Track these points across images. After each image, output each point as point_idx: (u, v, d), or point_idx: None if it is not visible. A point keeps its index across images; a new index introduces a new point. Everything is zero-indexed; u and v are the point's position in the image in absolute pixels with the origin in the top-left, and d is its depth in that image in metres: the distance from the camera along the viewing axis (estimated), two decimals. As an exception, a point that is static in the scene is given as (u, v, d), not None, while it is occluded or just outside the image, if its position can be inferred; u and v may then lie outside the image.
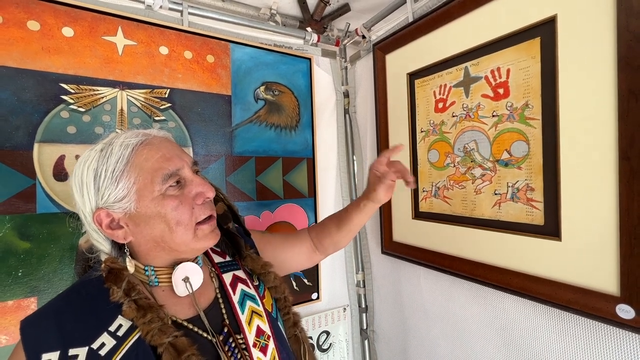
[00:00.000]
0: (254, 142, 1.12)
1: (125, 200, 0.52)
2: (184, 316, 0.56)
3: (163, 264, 0.57)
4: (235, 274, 0.66)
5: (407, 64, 1.04)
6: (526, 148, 0.75)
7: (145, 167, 0.53)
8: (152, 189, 0.53)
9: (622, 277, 0.60)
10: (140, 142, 0.55)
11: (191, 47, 1.01)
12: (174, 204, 0.53)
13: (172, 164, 0.55)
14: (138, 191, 0.53)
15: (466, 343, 0.94)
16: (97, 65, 0.87)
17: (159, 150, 0.55)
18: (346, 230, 0.84)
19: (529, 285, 0.74)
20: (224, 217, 0.69)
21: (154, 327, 0.49)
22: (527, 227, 0.76)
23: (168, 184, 0.54)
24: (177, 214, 0.54)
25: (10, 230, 0.76)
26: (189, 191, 0.56)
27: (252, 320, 0.60)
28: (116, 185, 0.52)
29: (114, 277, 0.52)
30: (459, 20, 0.87)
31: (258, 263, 0.70)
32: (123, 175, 0.53)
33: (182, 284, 0.56)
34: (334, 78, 1.37)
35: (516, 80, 0.76)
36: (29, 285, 0.78)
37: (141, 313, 0.50)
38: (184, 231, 0.54)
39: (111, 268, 0.53)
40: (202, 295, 0.60)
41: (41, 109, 0.80)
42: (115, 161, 0.53)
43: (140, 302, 0.51)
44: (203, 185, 0.57)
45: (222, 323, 0.58)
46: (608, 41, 0.60)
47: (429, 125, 1.00)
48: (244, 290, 0.64)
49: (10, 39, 0.77)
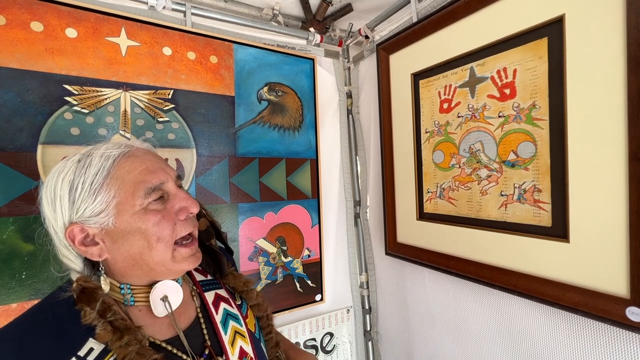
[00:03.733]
0: (258, 143, 1.12)
1: (102, 214, 0.49)
2: (163, 337, 0.53)
3: (140, 283, 0.54)
4: (218, 292, 0.64)
5: (412, 65, 1.04)
6: (533, 149, 0.74)
7: (127, 179, 0.50)
8: (134, 202, 0.50)
9: (632, 279, 0.60)
10: (123, 154, 0.52)
11: (194, 47, 1.01)
12: (156, 219, 0.51)
13: (156, 177, 0.52)
14: (118, 205, 0.49)
15: (471, 345, 0.93)
16: (100, 66, 0.87)
17: (143, 163, 0.52)
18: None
19: (536, 287, 0.73)
20: (206, 233, 0.66)
21: (131, 351, 0.45)
22: (534, 229, 0.75)
23: (151, 198, 0.51)
24: (159, 230, 0.51)
25: (14, 232, 0.76)
26: (171, 206, 0.53)
27: (235, 341, 0.58)
28: (94, 198, 0.49)
29: (87, 298, 0.48)
30: (464, 20, 0.86)
31: (240, 280, 0.68)
32: (102, 188, 0.49)
33: (161, 303, 0.53)
34: (336, 78, 1.37)
35: (523, 80, 0.75)
36: (33, 287, 0.78)
37: (117, 335, 0.46)
38: (163, 249, 0.51)
39: (84, 287, 0.49)
40: (182, 314, 0.57)
41: (45, 110, 0.80)
42: (94, 173, 0.50)
43: (117, 324, 0.47)
44: (187, 200, 0.54)
45: (202, 344, 0.55)
46: (617, 41, 0.60)
47: (433, 126, 0.99)
48: (226, 309, 0.61)
49: (13, 40, 0.77)
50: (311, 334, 1.23)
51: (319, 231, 1.25)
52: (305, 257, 1.22)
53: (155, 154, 0.58)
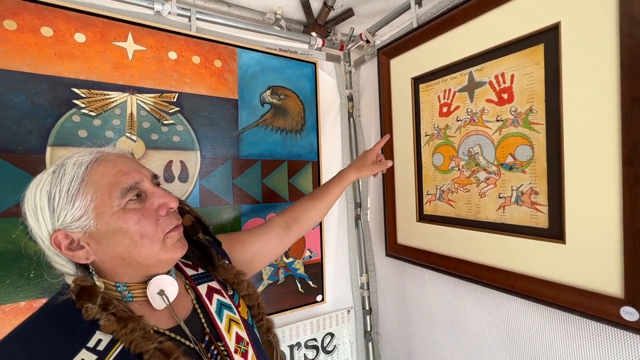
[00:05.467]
0: (260, 146, 1.14)
1: (83, 219, 0.51)
2: (165, 326, 0.55)
3: (134, 280, 0.56)
4: (210, 285, 0.66)
5: (412, 69, 1.06)
6: (530, 152, 0.76)
7: (101, 183, 0.52)
8: (111, 204, 0.52)
9: (626, 280, 0.61)
10: (95, 160, 0.54)
11: (199, 52, 1.03)
12: (136, 217, 0.53)
13: (130, 177, 0.54)
14: (96, 208, 0.52)
15: (470, 344, 0.95)
16: (108, 70, 0.89)
17: (116, 166, 0.54)
18: (324, 204, 0.95)
19: (534, 287, 0.75)
20: (192, 228, 0.68)
21: (137, 336, 0.48)
22: (531, 230, 0.77)
23: (127, 197, 0.53)
24: (141, 227, 0.53)
25: (22, 232, 0.77)
26: (150, 204, 0.55)
27: (231, 328, 0.61)
28: (72, 204, 0.51)
29: (86, 295, 0.51)
30: (463, 27, 0.88)
31: (231, 272, 0.70)
32: (79, 194, 0.51)
33: (159, 297, 0.56)
34: (338, 82, 1.39)
35: (520, 85, 0.77)
36: (41, 286, 0.79)
37: (122, 324, 0.49)
38: (149, 243, 0.53)
39: (82, 287, 0.51)
40: (179, 306, 0.59)
41: (53, 113, 0.82)
42: (69, 180, 0.52)
43: (120, 314, 0.50)
44: (165, 197, 0.56)
45: (202, 332, 0.58)
46: (611, 49, 0.62)
47: (433, 129, 1.01)
48: (220, 300, 0.64)
49: (24, 45, 0.79)
50: (312, 334, 1.25)
51: (320, 232, 1.27)
52: (306, 257, 1.23)
53: (128, 157, 0.59)
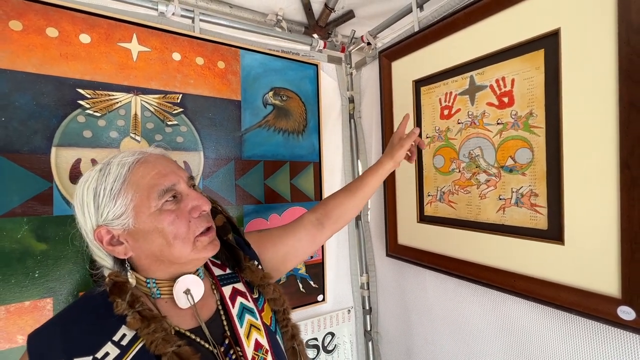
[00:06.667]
0: (263, 147, 1.15)
1: (123, 217, 0.54)
2: (187, 327, 0.57)
3: (164, 277, 0.59)
4: (235, 286, 0.67)
5: (413, 72, 1.07)
6: (530, 155, 0.78)
7: (141, 184, 0.55)
8: (149, 205, 0.55)
9: (623, 280, 0.63)
10: (137, 160, 0.57)
11: (203, 53, 1.03)
12: (171, 218, 0.55)
13: (168, 179, 0.57)
14: (135, 208, 0.55)
15: (470, 344, 0.96)
16: (112, 71, 0.89)
17: (155, 168, 0.57)
18: (360, 197, 0.88)
19: (533, 287, 0.77)
20: (223, 228, 0.69)
21: (158, 337, 0.50)
22: (530, 232, 0.78)
23: (164, 199, 0.56)
24: (174, 228, 0.55)
25: (27, 232, 0.78)
26: (185, 205, 0.57)
27: (251, 334, 0.61)
28: (114, 203, 0.54)
29: (117, 290, 0.54)
30: (464, 31, 0.90)
31: (257, 275, 0.70)
32: (120, 193, 0.55)
33: (184, 296, 0.58)
34: (339, 84, 1.40)
35: (521, 89, 0.79)
36: (45, 286, 0.79)
37: (145, 324, 0.51)
38: (181, 244, 0.56)
39: (115, 282, 0.55)
40: (203, 306, 0.61)
41: (58, 113, 0.82)
42: (113, 180, 0.55)
43: (144, 313, 0.52)
44: (199, 199, 0.59)
45: (223, 335, 0.59)
46: (609, 55, 0.63)
47: (434, 132, 1.02)
48: (242, 303, 0.65)
49: (30, 45, 0.79)
50: (313, 333, 1.26)
51: (321, 233, 1.27)
52: (308, 258, 1.24)
53: (167, 159, 0.62)
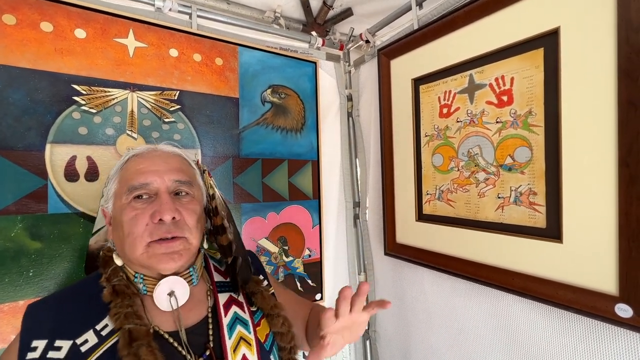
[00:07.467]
0: (261, 145, 1.14)
1: (109, 201, 0.60)
2: (167, 329, 0.54)
3: (146, 273, 0.58)
4: (232, 295, 0.64)
5: (412, 70, 1.07)
6: (529, 154, 0.78)
7: (124, 176, 0.59)
8: (121, 196, 0.58)
9: (620, 278, 0.63)
10: (138, 154, 0.61)
11: (200, 49, 1.02)
12: (132, 215, 0.55)
13: (143, 177, 0.57)
14: (114, 195, 0.59)
15: (468, 342, 0.96)
16: (108, 67, 0.88)
17: (142, 164, 0.59)
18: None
19: (531, 285, 0.77)
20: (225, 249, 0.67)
21: (121, 312, 0.51)
22: (529, 230, 0.78)
23: (132, 195, 0.57)
24: (130, 226, 0.55)
25: (21, 230, 0.76)
26: (150, 208, 0.56)
27: (239, 347, 0.56)
28: (109, 186, 0.61)
29: (104, 264, 0.58)
30: (463, 29, 0.90)
31: (268, 303, 0.65)
32: (113, 179, 0.60)
33: (166, 298, 0.55)
34: (337, 82, 1.40)
35: (520, 88, 0.79)
36: (40, 285, 0.78)
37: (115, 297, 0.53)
38: (132, 243, 0.54)
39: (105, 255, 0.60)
40: (191, 311, 0.58)
41: (53, 109, 0.81)
42: (116, 166, 0.62)
43: (117, 288, 0.54)
44: (162, 205, 0.55)
45: (205, 344, 0.55)
46: (608, 54, 0.64)
47: (433, 130, 1.02)
48: (237, 313, 0.60)
49: (23, 40, 0.78)
50: (311, 332, 1.25)
51: (319, 231, 1.27)
52: (306, 257, 1.24)
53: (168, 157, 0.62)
